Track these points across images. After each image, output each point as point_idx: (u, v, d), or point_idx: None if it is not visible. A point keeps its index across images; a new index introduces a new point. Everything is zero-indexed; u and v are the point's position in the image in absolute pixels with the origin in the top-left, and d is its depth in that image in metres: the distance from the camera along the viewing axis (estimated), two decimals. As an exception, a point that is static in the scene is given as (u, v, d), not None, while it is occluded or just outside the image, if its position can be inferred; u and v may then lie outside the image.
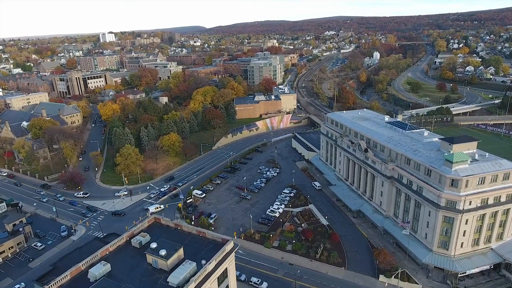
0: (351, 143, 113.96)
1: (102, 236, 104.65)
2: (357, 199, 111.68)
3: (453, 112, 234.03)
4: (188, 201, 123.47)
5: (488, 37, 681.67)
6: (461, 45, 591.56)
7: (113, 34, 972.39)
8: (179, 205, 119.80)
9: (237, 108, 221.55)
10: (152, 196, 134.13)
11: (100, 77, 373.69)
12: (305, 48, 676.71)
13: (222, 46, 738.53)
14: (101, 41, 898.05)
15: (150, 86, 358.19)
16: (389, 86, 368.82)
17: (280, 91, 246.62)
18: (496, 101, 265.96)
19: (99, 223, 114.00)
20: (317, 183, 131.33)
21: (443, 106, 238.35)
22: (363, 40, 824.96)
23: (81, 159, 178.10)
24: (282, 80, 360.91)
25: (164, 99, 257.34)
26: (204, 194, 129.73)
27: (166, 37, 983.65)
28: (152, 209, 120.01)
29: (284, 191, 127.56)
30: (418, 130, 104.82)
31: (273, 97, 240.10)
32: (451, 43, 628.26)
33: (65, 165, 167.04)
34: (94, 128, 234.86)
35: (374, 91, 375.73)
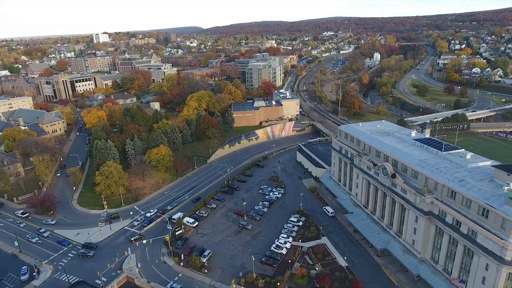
0: (373, 165, 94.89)
1: (69, 283, 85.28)
2: (381, 234, 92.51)
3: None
4: (177, 233, 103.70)
5: (489, 38, 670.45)
6: (463, 46, 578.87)
7: (107, 35, 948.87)
8: (166, 238, 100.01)
9: (235, 115, 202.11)
10: (136, 224, 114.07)
11: (89, 80, 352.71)
12: (304, 49, 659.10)
13: (219, 47, 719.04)
14: (95, 41, 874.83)
15: (142, 89, 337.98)
16: (394, 89, 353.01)
17: (281, 95, 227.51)
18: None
19: (63, 268, 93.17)
20: (329, 209, 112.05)
21: (458, 112, 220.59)
22: (362, 41, 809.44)
23: (59, 174, 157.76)
24: (282, 83, 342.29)
25: (156, 105, 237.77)
26: (197, 223, 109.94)
27: (162, 37, 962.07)
28: (177, 217, 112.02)
29: (291, 218, 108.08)
30: (457, 150, 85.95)
31: (274, 102, 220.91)
32: (452, 44, 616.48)
33: (40, 183, 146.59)
34: (79, 137, 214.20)
35: (378, 94, 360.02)
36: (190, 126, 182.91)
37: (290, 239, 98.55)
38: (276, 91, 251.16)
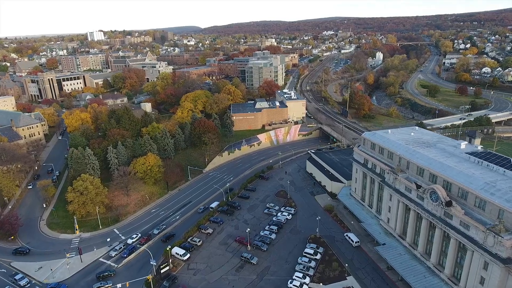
0: (416, 187, 73.71)
1: None
2: (429, 277, 71.23)
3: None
4: (163, 270, 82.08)
5: (493, 38, 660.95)
6: (467, 46, 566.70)
7: (102, 33, 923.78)
8: (148, 278, 78.44)
9: (234, 117, 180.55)
10: (113, 255, 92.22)
11: (78, 79, 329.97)
12: (304, 48, 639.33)
13: (217, 46, 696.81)
14: (89, 39, 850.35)
15: (135, 89, 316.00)
16: (402, 89, 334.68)
17: (285, 96, 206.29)
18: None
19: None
20: (352, 236, 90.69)
21: (482, 115, 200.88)
22: (363, 40, 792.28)
23: (30, 187, 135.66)
24: (284, 83, 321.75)
25: (147, 106, 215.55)
26: (188, 255, 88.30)
27: (158, 36, 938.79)
28: (214, 206, 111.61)
29: (306, 250, 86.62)
30: (533, 170, 65.17)
31: (277, 103, 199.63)
32: (456, 44, 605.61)
33: (6, 198, 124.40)
34: (61, 142, 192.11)
35: (384, 94, 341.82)
36: (184, 131, 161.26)
37: (307, 279, 77.23)
38: (279, 91, 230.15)
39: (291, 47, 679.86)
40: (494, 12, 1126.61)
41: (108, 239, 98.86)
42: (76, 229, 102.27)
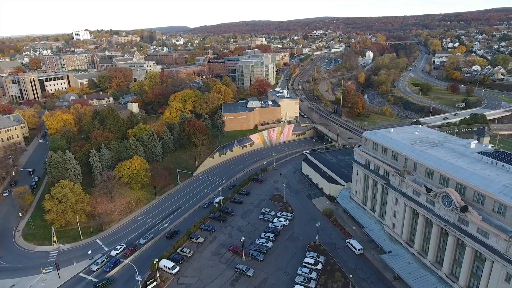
0: (426, 190, 67.95)
1: None
2: (441, 288, 65.72)
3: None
4: (149, 286, 74.37)
5: (480, 37, 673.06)
6: (456, 44, 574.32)
7: (88, 32, 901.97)
8: (134, 296, 70.97)
9: (225, 117, 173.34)
10: (95, 269, 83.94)
11: (62, 79, 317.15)
12: (295, 47, 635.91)
13: (207, 45, 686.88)
14: (75, 39, 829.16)
15: (122, 89, 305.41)
16: (393, 88, 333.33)
17: (278, 95, 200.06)
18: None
19: None
20: (355, 243, 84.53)
21: (477, 112, 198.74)
22: (353, 40, 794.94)
23: (6, 194, 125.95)
24: (275, 82, 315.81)
25: (134, 106, 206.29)
26: (178, 267, 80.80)
27: (146, 35, 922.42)
28: (218, 201, 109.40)
29: (306, 259, 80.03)
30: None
31: (270, 102, 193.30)
32: (444, 42, 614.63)
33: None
34: (41, 145, 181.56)
35: (376, 92, 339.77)
36: (173, 132, 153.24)
37: (309, 292, 70.89)
38: (271, 90, 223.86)
39: (281, 46, 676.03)
40: (480, 12, 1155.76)
41: (89, 251, 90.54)
42: (54, 241, 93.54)
